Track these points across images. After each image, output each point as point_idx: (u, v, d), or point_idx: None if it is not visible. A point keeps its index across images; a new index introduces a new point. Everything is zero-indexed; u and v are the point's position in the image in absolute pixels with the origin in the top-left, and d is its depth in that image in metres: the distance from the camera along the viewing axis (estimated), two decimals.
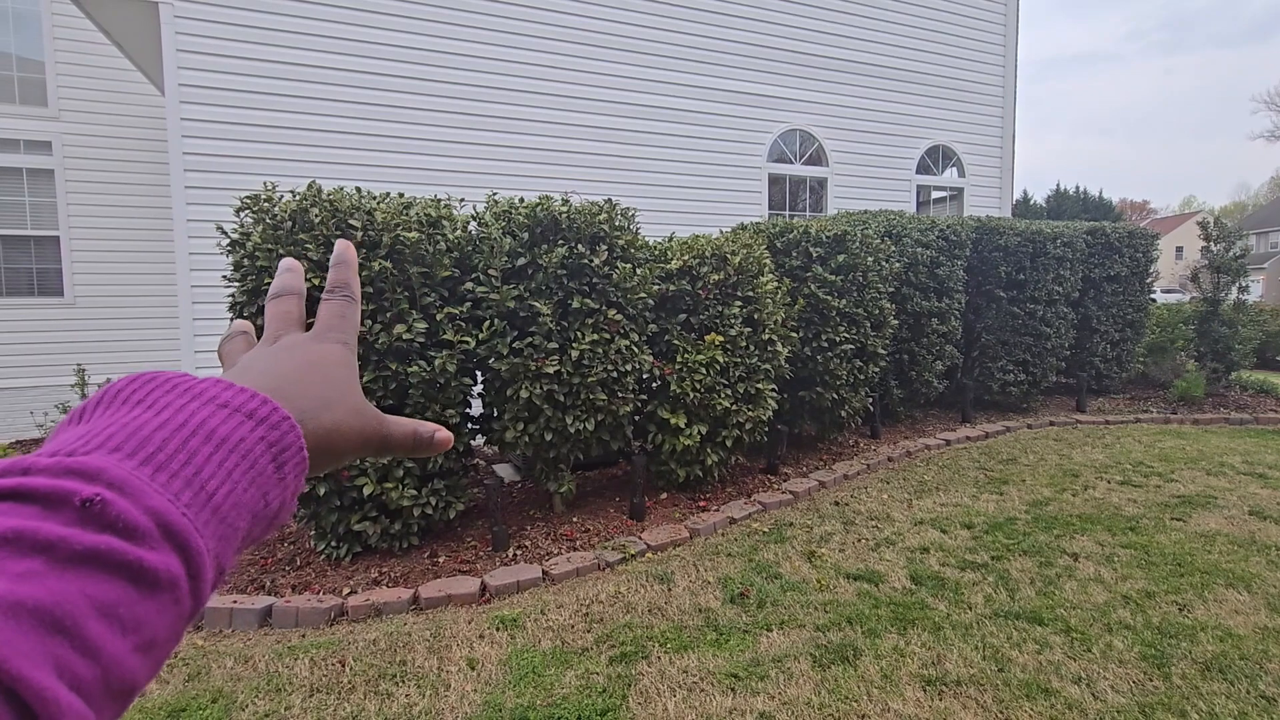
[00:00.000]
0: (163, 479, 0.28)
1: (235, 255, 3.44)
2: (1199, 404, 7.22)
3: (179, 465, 0.29)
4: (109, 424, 0.29)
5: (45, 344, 7.31)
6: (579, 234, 3.80)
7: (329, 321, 0.46)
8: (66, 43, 7.34)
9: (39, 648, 0.22)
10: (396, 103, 6.03)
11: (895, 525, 3.98)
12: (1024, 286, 6.56)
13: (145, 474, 0.27)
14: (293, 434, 0.34)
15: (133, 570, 0.25)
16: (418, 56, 6.09)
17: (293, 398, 0.37)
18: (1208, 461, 5.20)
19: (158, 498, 0.27)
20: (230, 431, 0.31)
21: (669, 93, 7.17)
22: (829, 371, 5.01)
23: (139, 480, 0.27)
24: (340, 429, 0.40)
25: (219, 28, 5.43)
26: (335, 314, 0.47)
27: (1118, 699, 2.37)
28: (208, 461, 0.30)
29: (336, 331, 0.46)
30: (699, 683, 2.49)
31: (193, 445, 0.29)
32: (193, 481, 0.29)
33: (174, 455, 0.29)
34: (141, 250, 7.57)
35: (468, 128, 6.31)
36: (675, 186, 7.24)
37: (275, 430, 0.33)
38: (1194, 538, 3.75)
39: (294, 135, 5.70)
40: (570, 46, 6.69)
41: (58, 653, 0.22)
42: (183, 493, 0.28)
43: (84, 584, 0.24)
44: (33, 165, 7.29)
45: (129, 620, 0.25)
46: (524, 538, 3.81)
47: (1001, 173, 9.32)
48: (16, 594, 0.22)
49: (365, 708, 2.38)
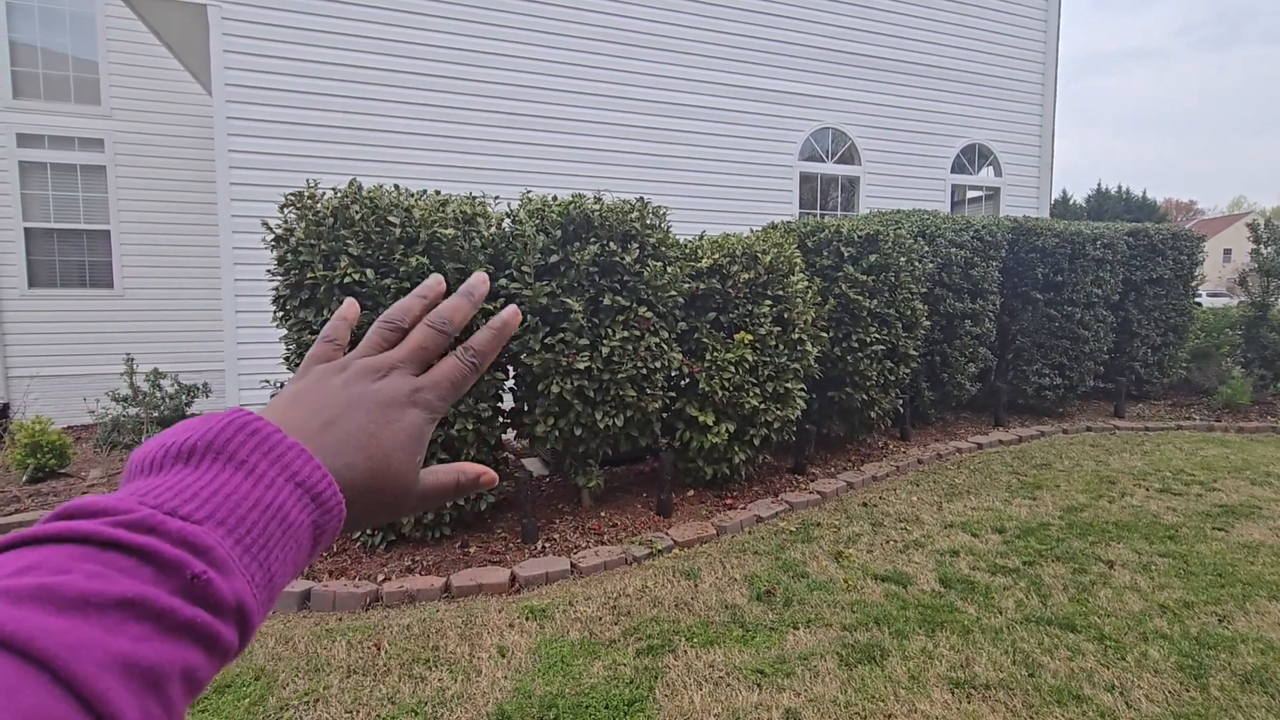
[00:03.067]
0: (246, 560, 0.32)
1: (279, 250, 3.55)
2: (1244, 412, 6.99)
3: (259, 549, 0.32)
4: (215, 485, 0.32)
5: (96, 334, 7.61)
6: (611, 232, 3.84)
7: (438, 382, 0.44)
8: (119, 44, 7.61)
9: (139, 701, 0.26)
10: (434, 102, 6.15)
11: (924, 528, 3.95)
12: (1061, 288, 6.42)
13: (237, 553, 0.31)
14: (337, 519, 0.37)
15: (211, 642, 0.29)
16: (455, 56, 6.20)
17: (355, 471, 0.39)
18: (1252, 471, 5.04)
19: (242, 582, 0.31)
20: (297, 516, 0.34)
21: (701, 91, 7.17)
22: (859, 372, 4.98)
23: (233, 562, 0.31)
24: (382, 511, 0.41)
25: (264, 29, 5.59)
26: (450, 378, 0.44)
27: (1152, 708, 2.33)
28: (277, 545, 0.33)
29: (436, 395, 0.43)
30: (725, 677, 2.51)
31: (271, 530, 0.33)
32: (264, 563, 0.33)
33: (258, 539, 0.32)
34: (188, 245, 7.83)
35: (501, 126, 6.40)
36: (706, 185, 7.25)
37: (327, 515, 0.36)
38: (1236, 548, 3.66)
39: (335, 134, 5.84)
40: (603, 45, 6.74)
41: (148, 706, 0.26)
42: (256, 573, 0.32)
43: (179, 650, 0.28)
44: (86, 162, 7.59)
45: (196, 682, 0.29)
46: (553, 531, 3.87)
47: (1040, 172, 9.12)
48: (135, 655, 0.26)
49: (400, 690, 2.46)
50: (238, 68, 5.52)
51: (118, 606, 0.26)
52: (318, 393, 0.42)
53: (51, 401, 7.27)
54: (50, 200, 7.53)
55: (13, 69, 7.35)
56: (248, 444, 0.34)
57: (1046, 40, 8.95)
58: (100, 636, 0.25)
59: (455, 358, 0.45)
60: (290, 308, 3.54)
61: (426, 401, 0.43)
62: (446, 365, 0.45)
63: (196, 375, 7.19)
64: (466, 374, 0.45)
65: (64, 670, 0.24)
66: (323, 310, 3.48)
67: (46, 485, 4.91)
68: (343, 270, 3.39)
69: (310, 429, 0.39)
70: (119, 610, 0.26)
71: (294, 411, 0.40)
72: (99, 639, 0.25)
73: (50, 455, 5.04)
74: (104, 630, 0.26)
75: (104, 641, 0.25)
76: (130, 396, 5.94)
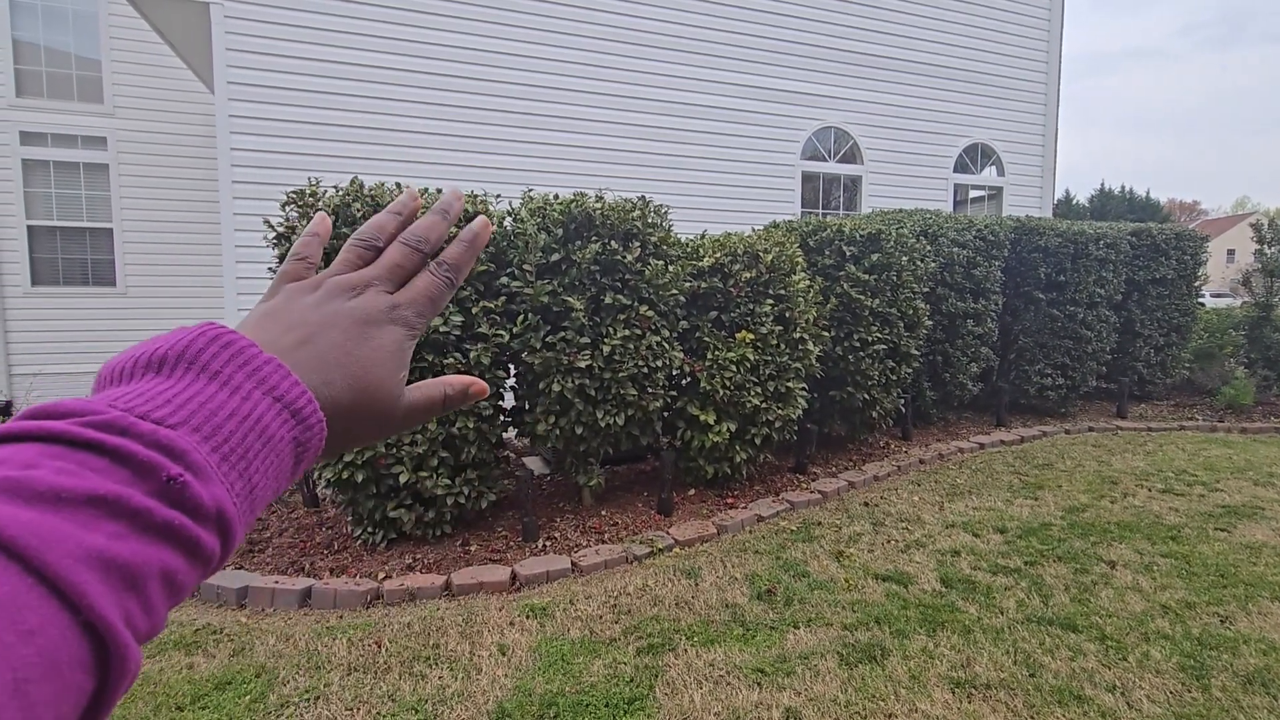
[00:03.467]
0: (225, 468, 0.31)
1: (281, 248, 3.56)
2: (1247, 412, 6.98)
3: (237, 458, 0.32)
4: (189, 393, 0.32)
5: (99, 331, 7.63)
6: (612, 230, 3.84)
7: (415, 298, 0.43)
8: (122, 42, 7.63)
9: (117, 599, 0.25)
10: (439, 100, 6.15)
11: (926, 527, 3.94)
12: (1064, 288, 6.41)
13: (214, 460, 0.31)
14: (319, 438, 0.36)
15: (191, 545, 0.29)
16: (453, 54, 6.20)
17: (334, 388, 0.38)
18: (1255, 471, 5.03)
19: (221, 488, 0.30)
20: (277, 430, 0.34)
21: (702, 90, 7.16)
22: (860, 371, 4.97)
23: (211, 469, 0.30)
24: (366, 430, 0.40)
25: (267, 27, 5.60)
26: (427, 294, 0.44)
27: (1153, 709, 2.33)
28: (257, 457, 0.33)
29: (413, 311, 0.43)
30: (725, 676, 2.51)
31: (249, 441, 0.32)
32: (244, 474, 0.32)
33: (236, 448, 0.32)
34: (190, 242, 7.85)
35: (503, 124, 6.40)
36: (708, 184, 7.24)
37: (307, 432, 0.35)
38: (1238, 549, 3.64)
39: (337, 132, 5.85)
40: (601, 44, 6.73)
41: (128, 605, 0.26)
42: (236, 483, 0.31)
43: (157, 551, 0.27)
44: (89, 160, 7.61)
45: (176, 586, 0.29)
46: (553, 529, 3.87)
47: (1043, 172, 9.10)
48: (110, 550, 0.25)
49: (400, 687, 2.46)
50: (240, 66, 5.53)
51: (89, 503, 0.26)
52: (289, 311, 0.40)
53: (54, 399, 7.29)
54: (53, 198, 7.55)
55: (16, 67, 7.37)
56: (221, 355, 0.33)
57: (1049, 39, 8.93)
58: (73, 530, 0.25)
59: (430, 273, 0.44)
60: None
61: (404, 318, 0.42)
62: (422, 281, 0.44)
63: None
64: (443, 288, 0.44)
65: (36, 559, 0.23)
66: None
67: None
68: None
69: (283, 345, 0.38)
70: (91, 506, 0.26)
71: (266, 329, 0.39)
72: (71, 532, 0.25)
73: None
74: (76, 525, 0.25)
75: (77, 535, 0.25)
76: None
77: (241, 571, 3.33)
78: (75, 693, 0.24)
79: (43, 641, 0.22)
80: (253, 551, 3.63)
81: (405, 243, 0.45)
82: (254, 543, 3.73)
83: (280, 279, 0.44)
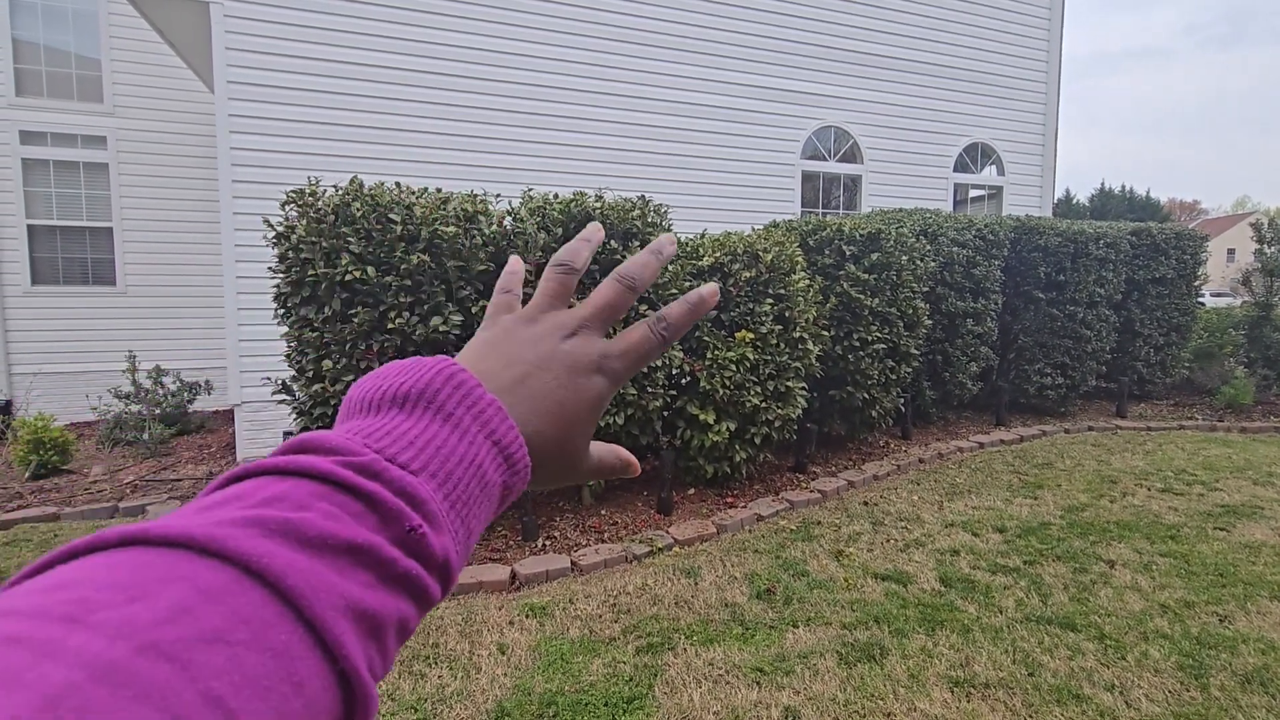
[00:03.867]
0: (452, 516, 0.32)
1: (280, 248, 3.56)
2: (1247, 412, 6.98)
3: (462, 505, 0.32)
4: (427, 436, 0.32)
5: (99, 331, 7.63)
6: (612, 229, 3.84)
7: (629, 353, 0.42)
8: (122, 41, 7.62)
9: (364, 648, 0.26)
10: (433, 99, 6.14)
11: (925, 527, 3.94)
12: (1064, 288, 6.41)
13: (445, 508, 0.31)
14: (523, 482, 0.36)
15: (422, 595, 0.29)
16: (451, 53, 6.19)
17: (543, 437, 0.38)
18: (1255, 471, 5.03)
19: (449, 539, 0.31)
20: (492, 475, 0.34)
21: (703, 89, 7.16)
22: (860, 371, 4.98)
23: (444, 517, 0.31)
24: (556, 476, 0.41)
25: (266, 26, 5.60)
26: (641, 350, 0.43)
27: (1152, 708, 2.33)
28: (475, 503, 0.33)
29: (623, 364, 0.42)
30: (724, 675, 2.51)
31: (472, 488, 0.33)
32: (465, 521, 0.33)
33: (462, 495, 0.32)
34: (190, 242, 7.85)
35: (502, 124, 6.39)
36: (708, 183, 7.24)
37: (515, 476, 0.36)
38: (1238, 548, 3.65)
39: (337, 131, 5.84)
40: (599, 43, 6.73)
41: (371, 653, 0.26)
42: (459, 530, 0.32)
43: (395, 601, 0.28)
44: (88, 159, 7.61)
45: (407, 632, 0.29)
46: (553, 529, 3.87)
47: (1043, 171, 9.10)
48: (363, 601, 0.26)
49: (399, 686, 2.46)
50: (240, 65, 5.53)
51: (349, 551, 0.26)
52: (509, 343, 0.41)
53: (54, 398, 7.29)
54: (53, 198, 7.55)
55: (16, 66, 7.37)
56: (454, 396, 0.34)
57: (1050, 38, 8.93)
58: (336, 580, 0.25)
59: (647, 327, 0.43)
60: (291, 305, 3.55)
61: (613, 370, 0.41)
62: (637, 334, 0.43)
63: (198, 372, 7.22)
64: (656, 346, 0.43)
65: (309, 610, 0.24)
66: (323, 307, 3.49)
67: (49, 482, 4.92)
68: (344, 267, 3.39)
69: (503, 382, 0.38)
70: (350, 555, 0.26)
71: (488, 361, 0.40)
72: (334, 581, 0.25)
73: (52, 452, 5.05)
74: (337, 573, 0.26)
75: (339, 585, 0.25)
76: (132, 394, 5.96)
77: None
78: None
79: (310, 692, 0.23)
80: None
81: (619, 280, 0.44)
82: None
83: (493, 310, 0.45)
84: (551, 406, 0.39)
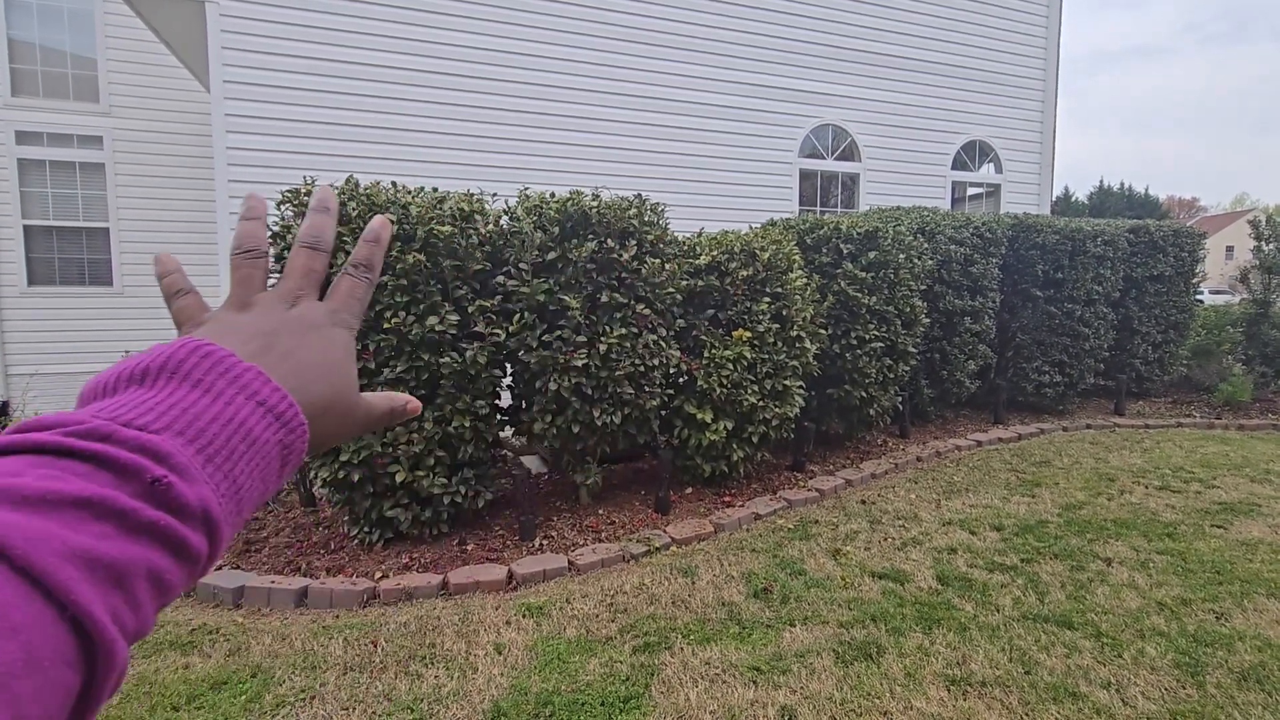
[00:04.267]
0: (210, 470, 0.32)
1: (275, 247, 3.54)
2: (1245, 409, 6.98)
3: (222, 459, 0.33)
4: (172, 401, 0.33)
5: (95, 331, 7.62)
6: (609, 229, 3.83)
7: (346, 302, 0.46)
8: (118, 41, 7.61)
9: (104, 596, 0.26)
10: (428, 98, 6.13)
11: (922, 525, 3.94)
12: (1062, 286, 6.41)
13: (199, 462, 0.32)
14: (302, 440, 0.37)
15: (177, 545, 0.30)
16: (446, 52, 6.17)
17: (308, 393, 0.40)
18: (1252, 468, 5.04)
19: (206, 488, 0.31)
20: (261, 433, 0.35)
21: (699, 87, 7.15)
22: (858, 369, 4.97)
23: (195, 469, 0.31)
24: (336, 429, 0.43)
25: (262, 26, 5.58)
26: (353, 294, 0.47)
27: (1148, 705, 2.33)
28: (241, 458, 0.34)
29: (349, 314, 0.46)
30: (721, 674, 2.51)
31: (234, 443, 0.34)
32: (229, 475, 0.33)
33: (220, 450, 0.33)
34: (186, 242, 7.83)
35: (498, 123, 6.38)
36: (705, 182, 7.23)
37: (291, 434, 0.37)
38: (1235, 545, 3.65)
39: (332, 131, 5.83)
40: (598, 41, 6.71)
41: (114, 602, 0.27)
42: (221, 484, 0.32)
43: (143, 550, 0.28)
44: (84, 159, 7.59)
45: (164, 585, 0.29)
46: (550, 528, 3.86)
47: (1041, 169, 9.10)
48: (96, 549, 0.26)
49: (396, 686, 2.46)
50: (236, 64, 5.51)
51: (76, 505, 0.27)
52: (237, 324, 0.42)
53: (51, 399, 7.28)
54: (49, 198, 7.53)
55: (11, 66, 7.35)
56: (202, 365, 0.35)
57: (1048, 36, 8.92)
58: (59, 530, 0.26)
59: (348, 275, 0.47)
60: None
61: (343, 320, 0.45)
62: (345, 284, 0.47)
63: None
64: (365, 288, 0.47)
65: (22, 558, 0.24)
66: None
67: None
68: (339, 267, 3.38)
69: (251, 351, 0.39)
70: (77, 509, 0.27)
71: (227, 340, 0.39)
72: (58, 532, 0.25)
73: None
74: (63, 526, 0.26)
75: (63, 535, 0.26)
76: None
77: (238, 571, 3.33)
78: (62, 687, 0.24)
79: (27, 637, 0.23)
80: (249, 551, 3.62)
81: (305, 245, 0.47)
82: (250, 542, 3.72)
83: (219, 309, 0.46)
84: (308, 364, 0.41)
